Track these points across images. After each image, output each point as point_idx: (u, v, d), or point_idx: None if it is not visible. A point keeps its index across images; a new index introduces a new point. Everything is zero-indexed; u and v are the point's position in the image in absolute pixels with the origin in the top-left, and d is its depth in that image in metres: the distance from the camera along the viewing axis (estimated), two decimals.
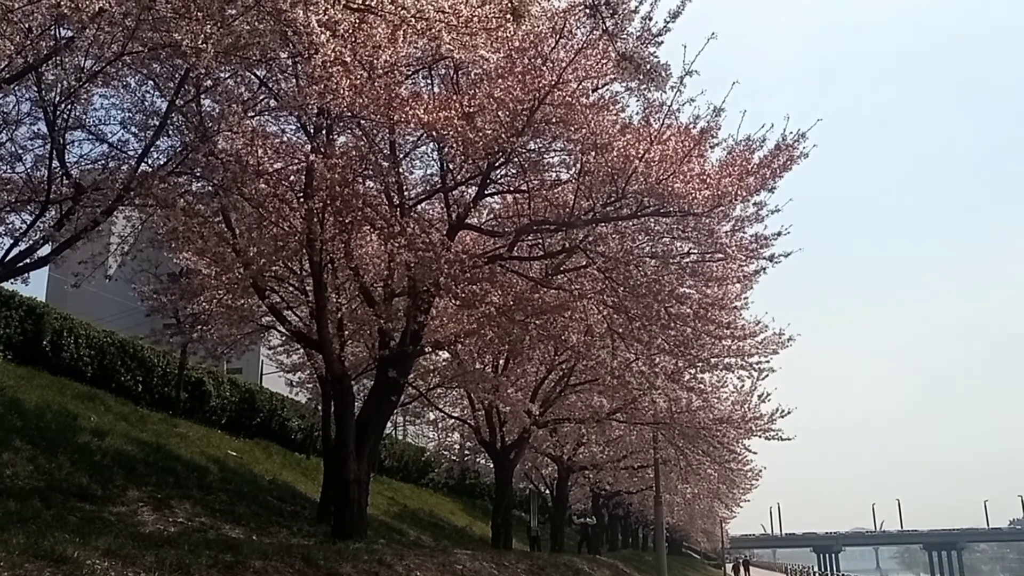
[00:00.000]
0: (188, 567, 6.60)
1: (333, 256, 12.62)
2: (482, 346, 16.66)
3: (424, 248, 10.84)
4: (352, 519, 12.57)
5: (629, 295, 13.13)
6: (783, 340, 19.76)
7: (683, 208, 11.72)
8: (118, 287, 19.52)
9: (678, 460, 25.19)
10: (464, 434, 27.32)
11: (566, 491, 30.49)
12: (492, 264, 12.75)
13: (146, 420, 17.55)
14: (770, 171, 12.23)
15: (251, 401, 22.92)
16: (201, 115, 10.83)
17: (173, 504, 12.21)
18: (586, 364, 16.76)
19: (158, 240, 13.11)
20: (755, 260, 14.54)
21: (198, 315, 15.66)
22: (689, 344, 15.19)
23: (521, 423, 19.95)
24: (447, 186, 13.57)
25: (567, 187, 13.02)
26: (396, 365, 13.10)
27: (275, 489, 17.06)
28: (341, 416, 13.30)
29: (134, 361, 19.18)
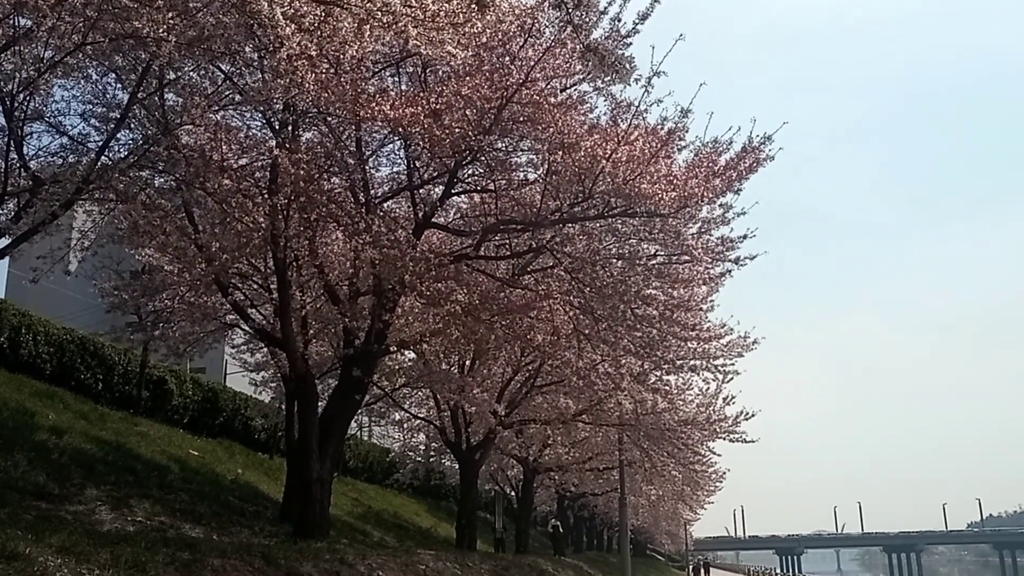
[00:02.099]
0: (144, 565, 6.49)
1: (298, 253, 12.51)
2: (448, 346, 16.60)
3: (389, 246, 10.77)
4: (314, 519, 12.46)
5: (595, 296, 13.15)
6: (748, 343, 19.91)
7: (650, 209, 11.76)
8: (78, 283, 19.25)
9: (643, 462, 25.32)
10: (430, 435, 27.23)
11: (532, 493, 30.52)
12: (458, 263, 12.72)
13: (106, 419, 17.26)
14: (736, 173, 12.32)
15: (214, 400, 22.66)
16: (164, 108, 10.68)
17: (132, 503, 12.01)
18: (552, 365, 16.79)
19: (119, 235, 12.92)
20: (721, 262, 14.65)
21: (160, 312, 15.44)
22: (655, 346, 15.23)
23: (487, 424, 19.90)
24: (413, 184, 13.51)
25: (534, 187, 13.02)
26: (361, 364, 13.02)
27: (237, 489, 16.86)
28: (304, 415, 13.18)
29: (94, 359, 18.88)
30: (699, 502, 51.76)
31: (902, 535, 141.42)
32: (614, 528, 56.55)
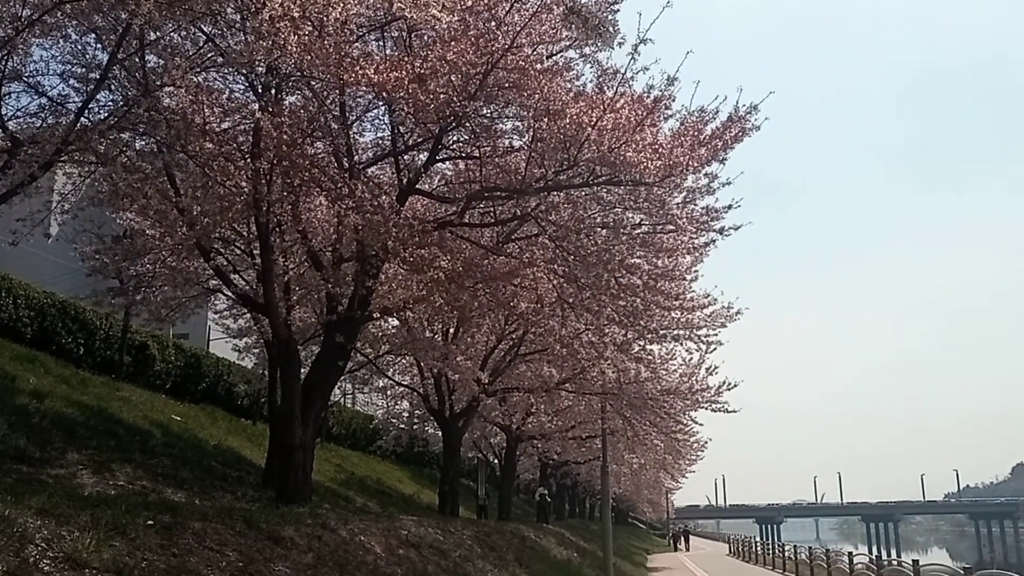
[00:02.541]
0: (124, 527, 6.48)
1: (281, 218, 12.42)
2: (432, 313, 16.58)
3: (373, 211, 10.70)
4: (297, 484, 12.48)
5: (579, 264, 13.13)
6: (731, 314, 20.04)
7: (635, 177, 11.72)
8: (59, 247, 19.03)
9: (625, 430, 25.42)
10: (413, 402, 27.33)
11: (514, 460, 30.68)
12: (442, 230, 12.66)
13: (87, 383, 17.20)
14: (722, 142, 12.27)
15: (197, 366, 22.60)
16: (144, 69, 10.53)
17: (114, 467, 11.98)
18: (536, 333, 16.80)
19: (100, 198, 12.79)
20: (706, 232, 14.66)
21: (141, 276, 15.34)
22: (638, 315, 15.25)
23: (470, 391, 19.96)
24: (398, 150, 13.41)
25: (519, 154, 12.95)
26: (343, 330, 12.98)
27: (220, 454, 16.86)
28: (287, 381, 13.17)
29: (75, 323, 18.77)
30: (681, 471, 52.19)
31: (880, 505, 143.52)
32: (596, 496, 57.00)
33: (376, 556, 10.37)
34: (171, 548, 6.66)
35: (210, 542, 7.25)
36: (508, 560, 16.18)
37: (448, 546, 13.64)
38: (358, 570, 9.22)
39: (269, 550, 7.96)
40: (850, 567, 25.17)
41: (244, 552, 7.48)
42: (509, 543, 18.21)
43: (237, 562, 7.18)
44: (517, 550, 18.08)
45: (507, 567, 15.39)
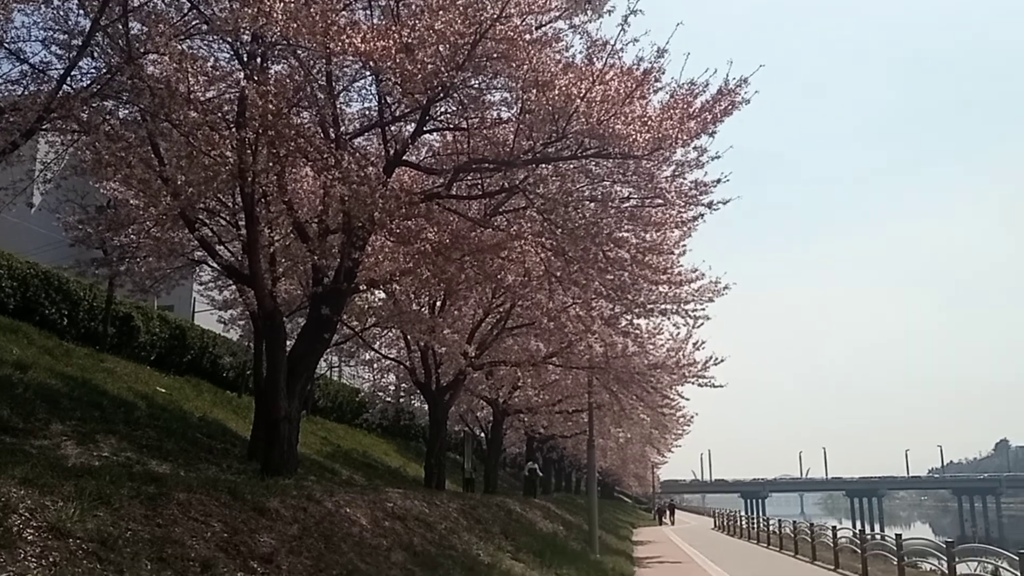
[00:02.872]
0: (109, 497, 6.44)
1: (266, 189, 12.29)
2: (418, 286, 16.54)
3: (359, 182, 10.61)
4: (282, 456, 12.46)
5: (567, 237, 13.09)
6: (719, 288, 20.04)
7: (624, 150, 11.66)
8: (42, 217, 18.88)
9: (612, 405, 25.52)
10: (399, 375, 27.32)
11: (501, 434, 30.76)
12: (429, 202, 12.58)
13: (71, 354, 17.11)
14: (711, 116, 12.21)
15: (182, 338, 22.50)
16: (128, 36, 10.36)
17: (98, 439, 11.94)
18: (523, 305, 16.77)
19: (83, 167, 12.63)
20: (694, 206, 14.60)
21: (125, 247, 15.22)
22: (626, 289, 15.24)
23: (457, 365, 19.96)
24: (385, 120, 13.28)
25: (507, 126, 12.86)
26: (329, 302, 12.91)
27: (205, 426, 16.83)
28: (272, 353, 13.11)
29: (59, 294, 18.62)
30: (667, 445, 52.50)
31: (864, 480, 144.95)
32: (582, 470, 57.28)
33: (362, 528, 10.38)
34: (156, 519, 6.63)
35: (195, 513, 7.22)
36: (494, 533, 16.25)
37: (434, 519, 13.67)
38: (343, 542, 9.22)
39: (254, 521, 7.95)
40: (834, 541, 25.39)
41: (229, 523, 7.46)
42: (495, 516, 18.28)
43: (222, 533, 7.16)
44: (503, 523, 18.16)
45: (493, 539, 15.45)
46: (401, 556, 10.28)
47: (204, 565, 6.27)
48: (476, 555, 13.14)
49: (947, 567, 16.67)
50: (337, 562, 8.35)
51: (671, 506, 71.43)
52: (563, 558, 17.32)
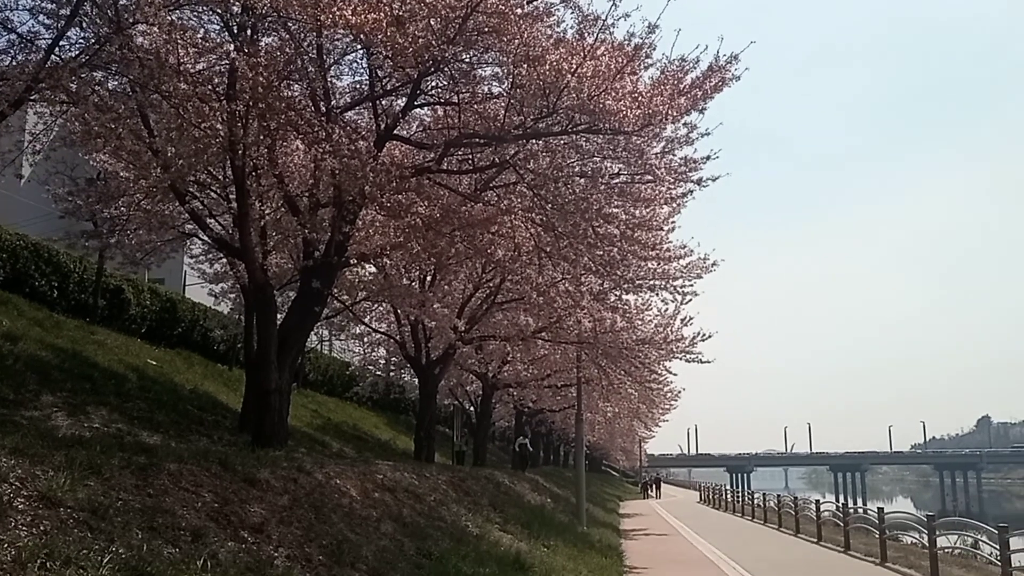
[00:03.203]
0: (99, 467, 6.50)
1: (257, 162, 12.29)
2: (409, 260, 16.57)
3: (350, 156, 10.62)
4: (273, 428, 12.54)
5: (557, 213, 13.15)
6: (707, 265, 20.20)
7: (614, 126, 11.69)
8: (31, 189, 18.79)
9: (600, 379, 25.71)
10: (390, 349, 27.42)
11: (490, 408, 30.94)
12: (420, 176, 12.60)
13: (61, 326, 17.09)
14: (702, 92, 12.24)
15: (172, 311, 22.49)
16: (116, 6, 10.30)
17: (89, 410, 12.01)
18: (512, 280, 16.83)
19: (73, 139, 12.60)
20: (684, 183, 14.67)
21: (115, 219, 15.19)
22: (615, 265, 15.34)
23: (447, 339, 20.05)
24: (375, 94, 13.27)
25: (498, 101, 12.86)
26: (320, 276, 12.95)
27: (196, 399, 16.89)
28: (263, 325, 13.15)
29: (49, 266, 18.56)
30: (654, 420, 52.84)
31: (847, 455, 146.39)
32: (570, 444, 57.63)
33: (351, 499, 10.48)
34: (146, 488, 6.70)
35: (185, 483, 7.30)
36: (482, 505, 16.40)
37: (423, 490, 13.80)
38: (333, 512, 9.32)
39: (244, 492, 8.03)
40: (817, 515, 25.73)
41: (219, 493, 7.53)
42: (484, 488, 18.44)
43: (212, 503, 7.23)
44: (492, 495, 18.33)
45: (481, 511, 15.60)
46: (391, 527, 10.40)
47: (195, 534, 6.35)
48: (465, 526, 13.28)
49: (927, 540, 16.94)
50: (327, 532, 8.45)
51: (656, 480, 71.90)
52: (551, 530, 17.51)
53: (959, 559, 18.57)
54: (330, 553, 7.92)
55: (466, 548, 11.47)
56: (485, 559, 11.24)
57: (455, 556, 10.53)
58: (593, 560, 16.13)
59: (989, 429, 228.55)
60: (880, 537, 19.47)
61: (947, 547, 18.46)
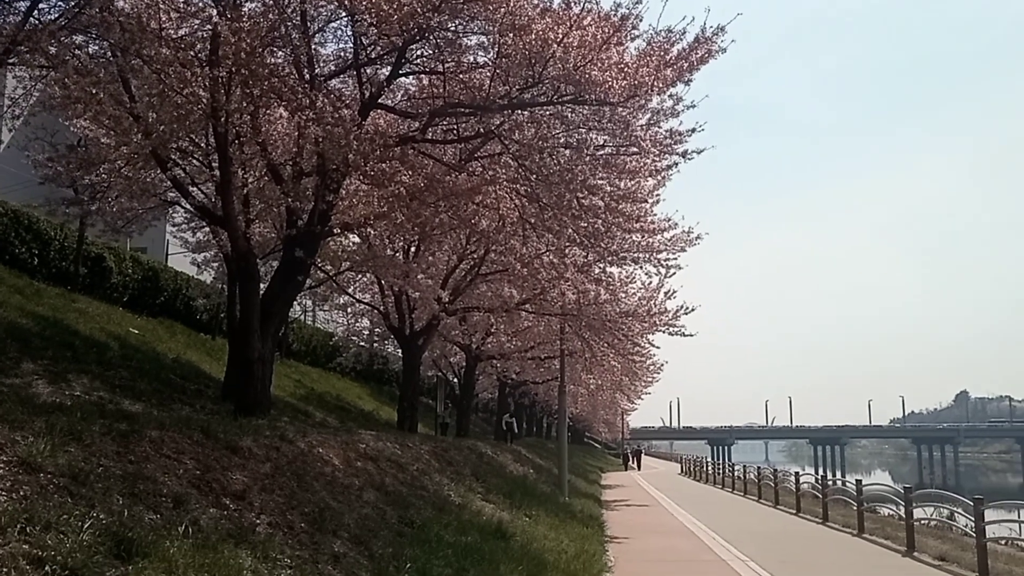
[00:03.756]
0: (80, 434, 6.49)
1: (240, 130, 12.17)
2: (393, 230, 16.50)
3: (334, 123, 10.54)
4: (256, 397, 12.53)
5: (541, 184, 13.13)
6: (691, 238, 20.25)
7: (600, 97, 11.66)
8: (10, 155, 18.60)
9: (583, 352, 25.77)
10: (373, 320, 27.41)
11: (473, 380, 31.01)
12: (404, 145, 12.53)
13: (42, 294, 16.99)
14: (688, 64, 12.22)
15: (155, 279, 22.37)
16: None
17: (70, 378, 11.96)
18: (497, 251, 16.81)
19: (53, 103, 12.43)
20: (668, 155, 14.65)
21: (96, 186, 15.04)
22: (599, 237, 15.35)
23: (430, 310, 20.05)
24: (360, 62, 13.14)
25: (484, 71, 12.78)
26: (303, 245, 12.89)
27: (179, 368, 16.85)
28: (246, 294, 13.09)
29: (29, 233, 18.41)
30: (636, 392, 53.09)
31: (827, 428, 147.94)
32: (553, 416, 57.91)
33: (334, 468, 10.51)
34: (127, 455, 6.69)
35: (167, 450, 7.29)
36: (465, 475, 16.48)
37: (406, 460, 13.85)
38: (316, 481, 9.34)
39: (227, 459, 8.03)
40: (796, 487, 26.00)
41: (201, 460, 7.54)
42: (466, 459, 18.53)
43: (194, 470, 7.24)
44: (474, 466, 18.42)
45: (464, 481, 15.68)
46: (373, 495, 10.44)
47: (176, 501, 6.36)
48: (447, 495, 13.36)
49: (904, 512, 17.16)
50: (309, 500, 8.47)
51: (637, 452, 72.23)
52: (532, 500, 17.63)
53: (935, 530, 18.84)
54: (312, 520, 7.95)
55: (448, 517, 11.54)
56: (467, 528, 11.32)
57: (437, 524, 10.60)
58: (575, 530, 16.26)
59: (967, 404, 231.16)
60: (858, 509, 19.71)
61: (923, 519, 18.72)
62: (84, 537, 4.89)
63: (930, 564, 14.69)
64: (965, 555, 14.47)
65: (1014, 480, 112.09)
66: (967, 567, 13.80)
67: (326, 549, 7.44)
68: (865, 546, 17.35)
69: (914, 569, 14.37)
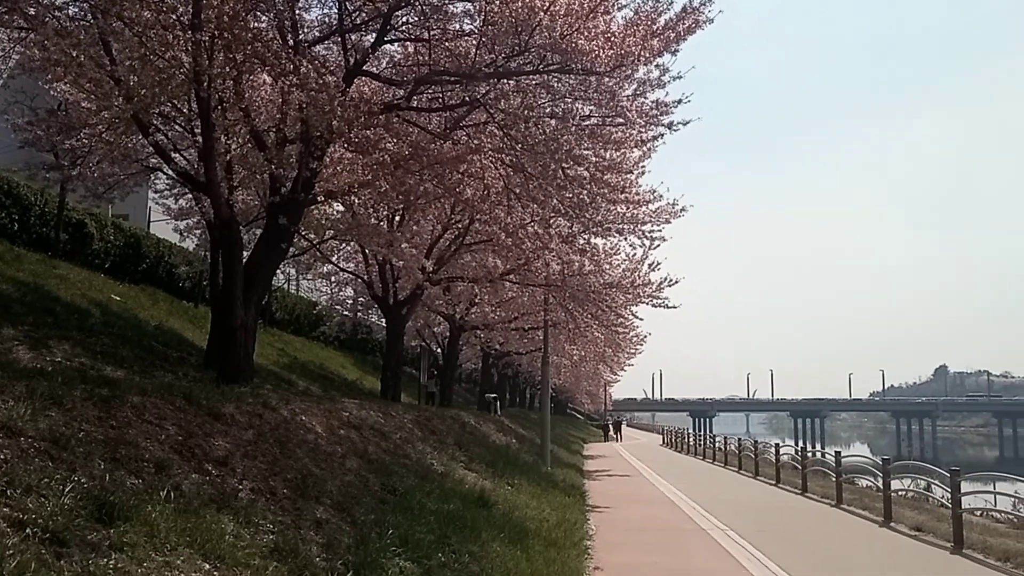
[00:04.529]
0: (61, 399, 6.46)
1: (222, 95, 12.04)
2: (377, 199, 16.42)
3: (318, 89, 10.44)
4: (238, 364, 12.50)
5: (527, 153, 13.09)
6: (676, 210, 20.33)
7: (586, 66, 11.60)
8: None
9: (567, 323, 25.86)
10: (357, 289, 27.37)
11: (457, 350, 31.09)
12: (389, 113, 12.44)
13: (22, 260, 16.83)
14: (675, 34, 12.17)
15: (137, 246, 22.20)
16: None
17: (51, 344, 11.87)
18: (481, 220, 16.77)
19: (32, 66, 12.26)
20: (654, 126, 14.63)
21: (77, 151, 14.87)
22: (584, 207, 15.34)
23: (414, 279, 20.02)
24: (345, 28, 13.01)
25: (469, 39, 12.70)
26: (287, 213, 12.82)
27: (161, 335, 16.77)
28: (229, 262, 13.02)
29: (8, 198, 18.19)
30: (620, 364, 53.36)
31: (807, 401, 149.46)
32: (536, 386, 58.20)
33: (317, 435, 10.53)
34: (109, 420, 6.67)
35: (149, 416, 7.27)
36: (448, 444, 16.55)
37: (389, 429, 13.88)
38: (298, 448, 9.35)
39: (209, 425, 8.02)
40: (776, 458, 26.28)
41: (183, 427, 7.52)
42: (449, 428, 18.59)
43: (176, 436, 7.23)
44: (457, 435, 18.48)
45: (447, 450, 15.74)
46: (356, 463, 10.47)
47: (158, 466, 6.35)
48: (430, 464, 13.42)
49: (882, 483, 17.39)
50: (292, 467, 8.49)
51: (617, 423, 72.57)
52: (515, 469, 17.74)
53: (911, 501, 19.09)
54: (295, 487, 7.97)
55: (431, 485, 11.60)
56: (449, 496, 11.38)
57: (420, 492, 10.65)
58: (557, 499, 16.40)
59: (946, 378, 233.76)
60: (836, 480, 19.94)
61: (901, 490, 18.97)
62: (65, 501, 4.88)
63: (906, 534, 14.91)
64: (941, 525, 14.69)
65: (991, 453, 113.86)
66: (943, 537, 14.01)
67: (308, 515, 7.47)
68: (843, 516, 17.59)
69: (891, 539, 14.59)
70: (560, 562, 10.20)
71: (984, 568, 11.87)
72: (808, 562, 11.92)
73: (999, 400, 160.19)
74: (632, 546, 13.25)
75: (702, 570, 11.32)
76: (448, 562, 8.20)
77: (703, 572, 11.18)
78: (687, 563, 11.85)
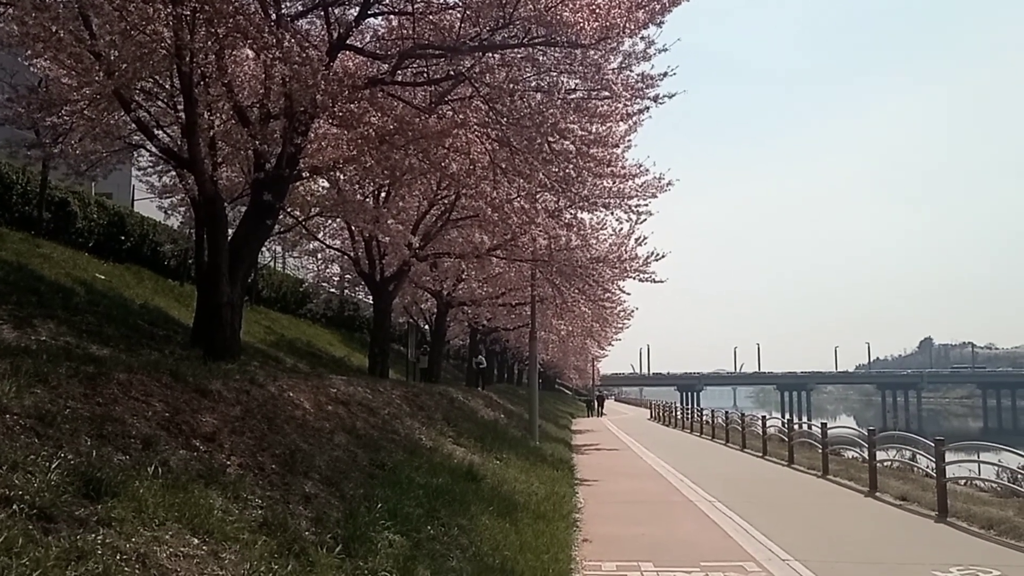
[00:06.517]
0: (47, 376, 6.42)
1: (205, 70, 11.92)
2: (362, 175, 16.33)
3: (301, 63, 10.35)
4: (225, 342, 12.47)
5: (512, 127, 13.04)
6: (662, 184, 20.31)
7: (571, 38, 11.53)
8: None
9: (554, 298, 25.91)
10: (344, 266, 27.30)
11: (445, 326, 31.09)
12: (373, 87, 12.35)
13: (5, 239, 16.69)
14: (660, 5, 12.10)
15: (121, 224, 22.03)
16: None
17: (36, 323, 11.80)
18: (467, 195, 16.72)
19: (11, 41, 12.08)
20: (640, 100, 14.58)
21: (59, 128, 14.71)
22: (570, 182, 15.31)
23: (401, 255, 19.98)
24: (328, 1, 12.88)
25: (454, 12, 12.60)
26: (272, 189, 12.73)
27: (146, 313, 16.68)
28: (214, 239, 12.95)
29: None
30: (607, 339, 53.53)
31: (794, 375, 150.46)
32: (524, 362, 58.33)
33: (305, 411, 10.53)
34: (95, 397, 6.64)
35: (135, 393, 7.25)
36: (436, 419, 16.58)
37: (377, 404, 13.89)
38: (286, 424, 9.35)
39: (196, 402, 8.01)
40: (763, 431, 26.46)
41: (170, 403, 7.50)
42: (438, 403, 18.63)
43: (163, 412, 7.21)
44: (445, 410, 18.52)
45: (435, 425, 15.78)
46: (344, 438, 10.48)
47: (145, 442, 6.34)
48: (418, 439, 13.44)
49: (867, 454, 17.55)
50: (280, 442, 8.49)
51: (599, 398, 72.69)
52: (503, 444, 17.80)
53: (897, 471, 19.26)
54: (283, 462, 7.97)
55: (419, 460, 11.63)
56: (438, 470, 11.42)
57: (408, 467, 10.68)
58: (545, 473, 16.48)
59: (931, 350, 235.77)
60: (823, 451, 20.10)
61: (886, 460, 19.15)
62: (52, 477, 4.87)
63: (892, 504, 15.06)
64: (926, 495, 14.85)
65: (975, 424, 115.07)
66: (927, 506, 14.17)
67: (297, 490, 7.48)
68: (829, 487, 17.75)
69: (876, 508, 14.74)
70: (549, 534, 10.27)
71: (967, 535, 12.02)
72: (794, 531, 12.04)
73: (983, 371, 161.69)
74: (620, 518, 13.35)
75: (689, 540, 11.42)
76: (437, 535, 8.24)
77: (690, 542, 11.27)
78: (674, 534, 11.95)
